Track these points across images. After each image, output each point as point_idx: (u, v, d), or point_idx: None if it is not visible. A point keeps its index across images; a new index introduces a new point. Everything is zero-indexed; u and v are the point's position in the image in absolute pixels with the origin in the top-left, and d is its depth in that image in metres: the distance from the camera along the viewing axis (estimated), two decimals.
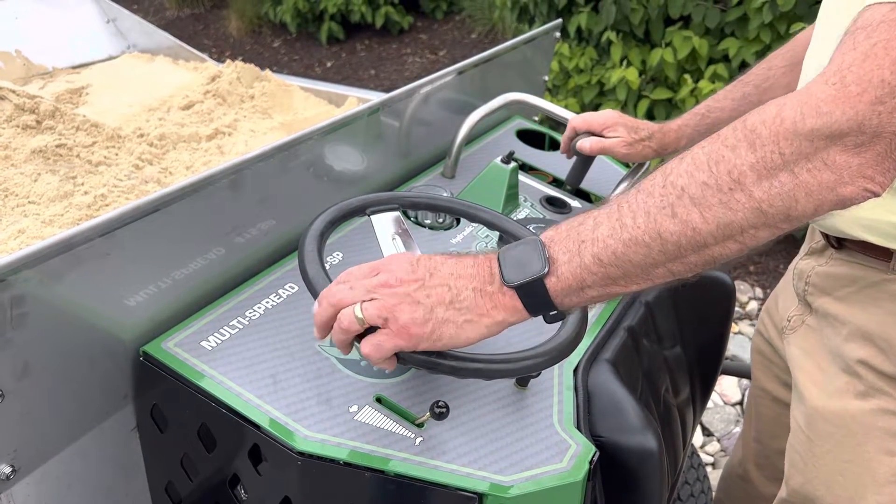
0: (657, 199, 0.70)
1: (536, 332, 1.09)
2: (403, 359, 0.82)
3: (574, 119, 1.39)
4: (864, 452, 1.08)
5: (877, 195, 0.67)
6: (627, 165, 1.39)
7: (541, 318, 0.81)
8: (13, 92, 1.68)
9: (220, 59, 2.23)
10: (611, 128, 1.35)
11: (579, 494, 0.94)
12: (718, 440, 2.46)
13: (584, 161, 1.47)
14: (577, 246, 0.73)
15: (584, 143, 1.35)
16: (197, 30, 6.85)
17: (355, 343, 0.80)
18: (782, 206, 0.67)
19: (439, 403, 0.90)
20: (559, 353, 0.89)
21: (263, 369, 0.98)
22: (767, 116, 0.67)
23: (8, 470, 0.89)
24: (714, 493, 1.74)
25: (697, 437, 2.45)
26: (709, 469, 2.34)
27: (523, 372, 0.86)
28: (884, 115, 0.64)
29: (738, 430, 2.47)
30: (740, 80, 1.34)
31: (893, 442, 1.06)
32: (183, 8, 7.22)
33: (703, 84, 3.01)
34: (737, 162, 0.67)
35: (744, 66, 2.95)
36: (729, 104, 1.32)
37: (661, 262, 0.71)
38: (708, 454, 2.41)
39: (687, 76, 3.07)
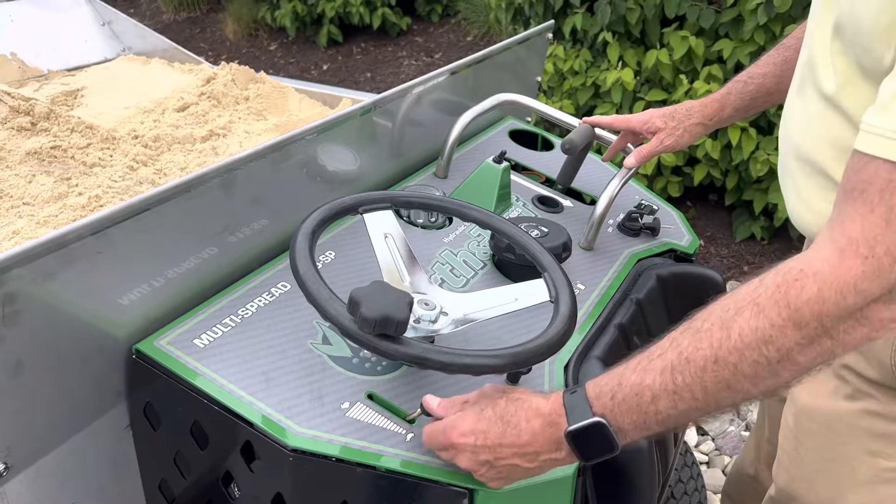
0: (710, 374, 0.75)
1: (527, 328, 1.10)
2: (393, 355, 0.83)
3: (622, 125, 1.41)
4: (847, 452, 1.09)
5: None
6: (619, 165, 1.40)
7: (534, 312, 0.81)
8: (8, 94, 1.69)
9: (216, 63, 2.24)
10: (648, 122, 1.36)
11: (569, 490, 0.95)
12: (713, 439, 2.46)
13: (575, 160, 1.48)
14: (642, 419, 0.78)
15: (630, 160, 1.35)
16: (193, 33, 6.85)
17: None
18: (822, 361, 0.75)
19: None
20: (548, 349, 0.90)
21: (256, 367, 0.98)
22: (810, 294, 0.71)
23: (1, 467, 0.89)
24: (722, 488, 1.75)
25: (692, 436, 2.46)
26: (703, 468, 2.35)
27: (512, 367, 0.87)
28: None
29: (732, 428, 2.48)
30: (781, 44, 1.35)
31: (876, 442, 1.06)
32: (179, 12, 7.22)
33: (699, 85, 3.01)
34: (784, 341, 0.72)
35: (739, 67, 2.95)
36: (771, 69, 1.32)
37: (716, 413, 0.80)
38: (702, 453, 2.41)
39: (682, 77, 3.08)
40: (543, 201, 1.48)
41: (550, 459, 0.83)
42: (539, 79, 1.92)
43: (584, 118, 1.43)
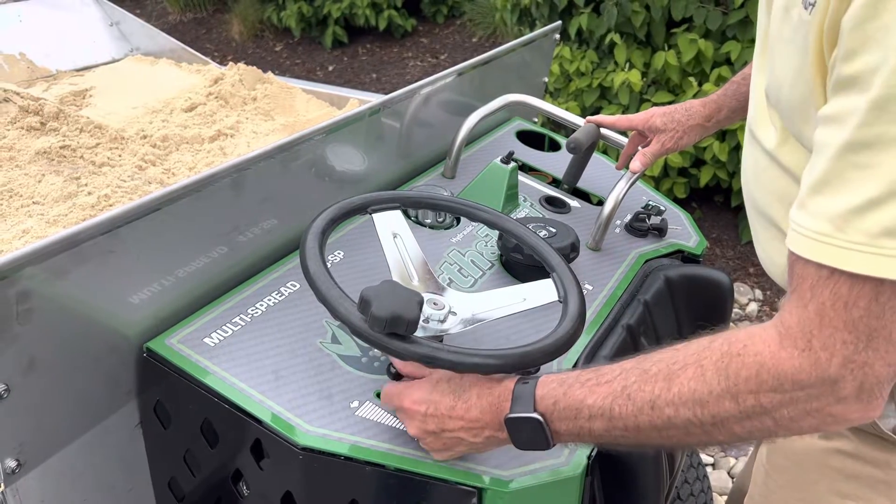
0: (646, 416, 0.77)
1: (535, 328, 1.11)
2: (402, 354, 0.83)
3: (625, 125, 1.41)
4: (817, 492, 1.06)
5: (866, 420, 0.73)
6: (626, 166, 1.40)
7: (542, 312, 0.82)
8: (17, 94, 1.70)
9: (222, 63, 2.25)
10: (649, 122, 1.37)
11: (577, 489, 0.95)
12: None
13: (581, 160, 1.48)
14: (577, 430, 0.82)
15: (636, 164, 1.35)
16: (199, 34, 6.87)
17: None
18: (762, 436, 0.76)
19: None
20: (557, 349, 0.90)
21: (265, 365, 0.99)
22: (750, 373, 0.72)
23: (14, 464, 0.90)
24: None
25: None
26: (709, 469, 2.35)
27: (521, 367, 0.87)
28: (856, 370, 0.68)
29: None
30: None
31: (846, 484, 1.02)
32: (185, 12, 7.24)
33: (708, 87, 3.01)
34: (719, 410, 0.73)
35: None
36: None
37: (646, 448, 0.84)
38: (708, 454, 2.41)
39: (691, 79, 3.08)
40: (551, 202, 1.48)
41: (494, 437, 0.86)
42: (545, 80, 1.93)
43: (589, 117, 1.43)
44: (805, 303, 0.70)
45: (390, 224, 1.09)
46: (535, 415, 0.82)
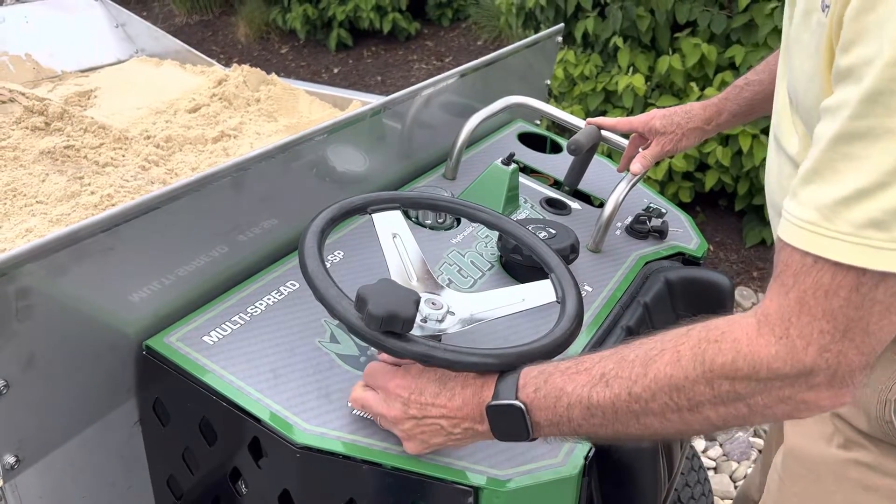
0: (623, 402, 0.77)
1: (534, 329, 1.11)
2: (399, 352, 0.84)
3: (625, 127, 1.42)
4: (833, 502, 1.04)
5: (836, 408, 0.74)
6: (627, 168, 1.40)
7: (540, 312, 0.86)
8: (23, 94, 1.71)
9: (227, 65, 2.26)
10: (649, 124, 1.37)
11: (574, 489, 0.95)
12: (720, 444, 2.46)
13: (581, 161, 1.48)
14: (556, 420, 0.82)
15: (636, 166, 1.35)
16: (205, 36, 6.89)
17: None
18: (737, 424, 0.76)
19: None
20: (554, 349, 0.90)
21: (264, 364, 0.99)
22: (725, 359, 0.72)
23: (12, 460, 0.91)
24: None
25: (700, 441, 2.45)
26: (710, 473, 2.34)
27: (518, 366, 0.87)
28: (831, 359, 0.69)
29: (741, 434, 2.47)
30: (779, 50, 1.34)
31: (864, 495, 1.00)
32: (192, 14, 7.27)
33: (710, 91, 3.01)
34: (695, 395, 0.74)
35: None
36: (767, 76, 1.30)
37: (623, 438, 0.82)
38: (710, 458, 2.41)
39: (693, 84, 3.08)
40: (551, 203, 1.49)
41: (472, 429, 0.86)
42: (549, 82, 1.93)
43: (589, 119, 1.44)
44: (787, 290, 0.70)
45: (390, 224, 1.09)
46: (516, 402, 0.82)
